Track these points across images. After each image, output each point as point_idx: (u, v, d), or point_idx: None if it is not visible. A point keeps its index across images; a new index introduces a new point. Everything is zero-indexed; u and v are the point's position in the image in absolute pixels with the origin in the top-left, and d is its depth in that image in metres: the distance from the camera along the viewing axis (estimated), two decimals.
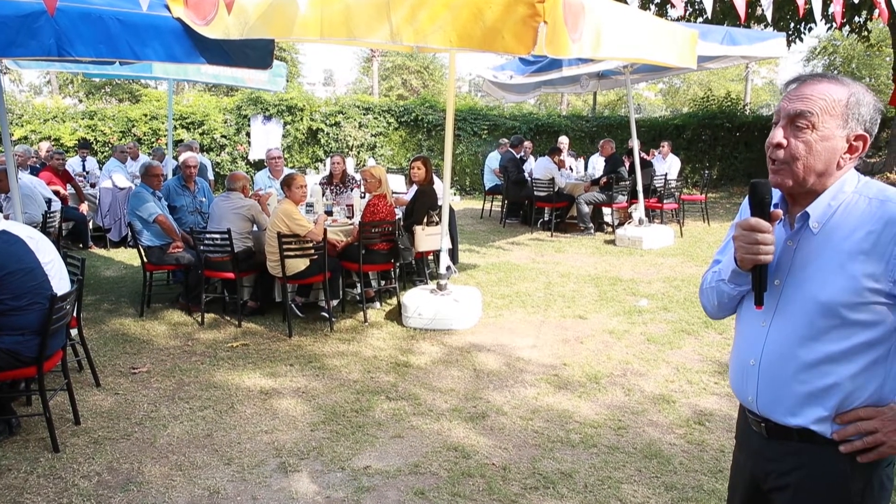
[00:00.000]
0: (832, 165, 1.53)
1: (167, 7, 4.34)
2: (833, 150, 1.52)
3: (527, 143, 12.52)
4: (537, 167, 10.56)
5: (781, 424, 1.62)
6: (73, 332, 4.47)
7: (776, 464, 1.67)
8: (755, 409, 1.68)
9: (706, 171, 14.33)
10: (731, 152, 17.01)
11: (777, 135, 1.55)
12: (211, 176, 10.47)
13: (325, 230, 5.57)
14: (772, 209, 1.58)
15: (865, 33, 15.96)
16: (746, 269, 1.61)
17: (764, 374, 1.63)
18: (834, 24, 14.38)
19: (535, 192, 10.34)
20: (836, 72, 28.88)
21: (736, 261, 1.62)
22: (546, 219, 10.64)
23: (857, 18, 14.96)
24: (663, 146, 12.06)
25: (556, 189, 10.16)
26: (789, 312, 1.59)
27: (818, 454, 1.58)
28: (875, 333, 1.50)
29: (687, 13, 14.52)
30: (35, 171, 8.94)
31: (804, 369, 1.56)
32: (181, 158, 7.40)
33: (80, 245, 9.23)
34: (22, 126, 12.80)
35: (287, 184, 5.71)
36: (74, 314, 4.19)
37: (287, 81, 11.08)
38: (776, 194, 1.65)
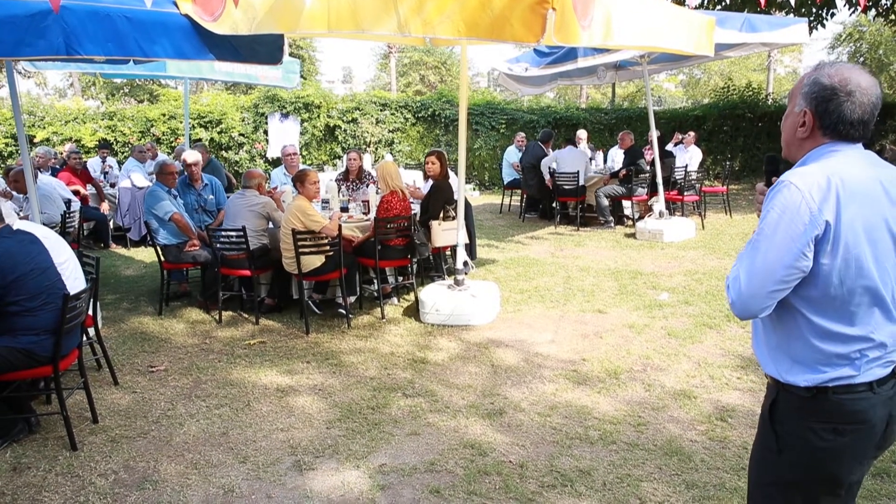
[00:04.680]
0: (793, 137, 1.82)
1: (175, 4, 4.32)
2: (792, 125, 1.82)
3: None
4: (565, 159, 10.37)
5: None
6: (91, 330, 4.49)
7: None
8: None
9: (728, 163, 14.09)
10: (753, 143, 16.72)
11: None
12: (225, 170, 10.37)
13: (340, 226, 5.54)
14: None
15: (893, 17, 15.49)
16: None
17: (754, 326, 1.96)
18: (858, 8, 13.99)
19: (562, 186, 10.19)
20: (861, 59, 28.28)
21: None
22: (570, 213, 10.49)
23: (883, 1, 14.52)
24: (688, 135, 11.85)
25: (580, 182, 10.03)
26: None
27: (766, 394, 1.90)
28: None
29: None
30: (55, 172, 9.04)
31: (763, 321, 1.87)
32: (181, 157, 7.40)
33: (101, 245, 9.33)
34: (44, 128, 12.95)
35: (300, 180, 5.68)
36: (90, 312, 4.21)
37: (303, 79, 11.06)
38: None
